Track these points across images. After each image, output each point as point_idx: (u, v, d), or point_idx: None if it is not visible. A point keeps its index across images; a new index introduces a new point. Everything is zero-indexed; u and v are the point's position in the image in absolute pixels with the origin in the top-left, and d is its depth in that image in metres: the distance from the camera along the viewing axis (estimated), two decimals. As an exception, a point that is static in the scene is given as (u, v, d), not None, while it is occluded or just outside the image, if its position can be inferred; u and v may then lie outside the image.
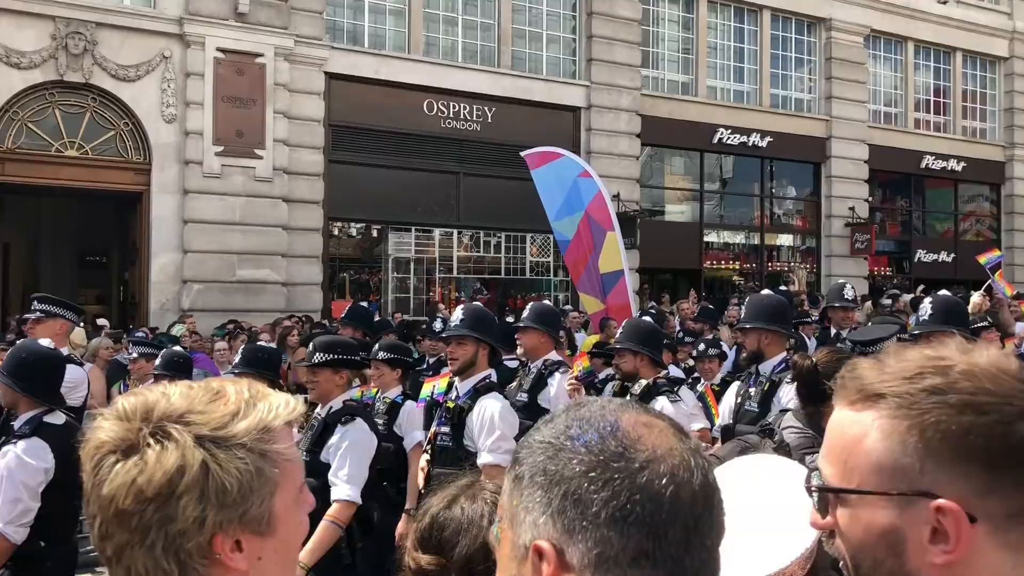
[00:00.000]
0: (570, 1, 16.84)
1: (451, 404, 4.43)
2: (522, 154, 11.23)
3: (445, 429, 4.41)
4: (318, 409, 4.40)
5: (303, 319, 11.27)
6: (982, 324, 6.81)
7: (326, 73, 14.31)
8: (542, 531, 0.86)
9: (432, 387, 4.93)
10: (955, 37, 21.26)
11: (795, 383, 3.70)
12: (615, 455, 0.86)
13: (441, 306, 13.93)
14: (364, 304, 9.23)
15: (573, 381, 5.18)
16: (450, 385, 4.70)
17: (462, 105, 15.44)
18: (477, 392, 4.43)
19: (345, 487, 4.05)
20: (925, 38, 20.91)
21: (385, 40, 15.20)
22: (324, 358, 4.37)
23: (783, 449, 3.22)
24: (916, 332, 4.65)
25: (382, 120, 14.82)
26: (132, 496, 1.00)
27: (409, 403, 5.48)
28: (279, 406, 1.09)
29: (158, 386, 1.11)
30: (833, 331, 7.35)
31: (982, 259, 14.58)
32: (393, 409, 5.39)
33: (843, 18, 19.42)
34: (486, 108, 15.63)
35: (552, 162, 10.88)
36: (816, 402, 3.37)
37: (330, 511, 3.98)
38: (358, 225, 15.88)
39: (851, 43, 19.62)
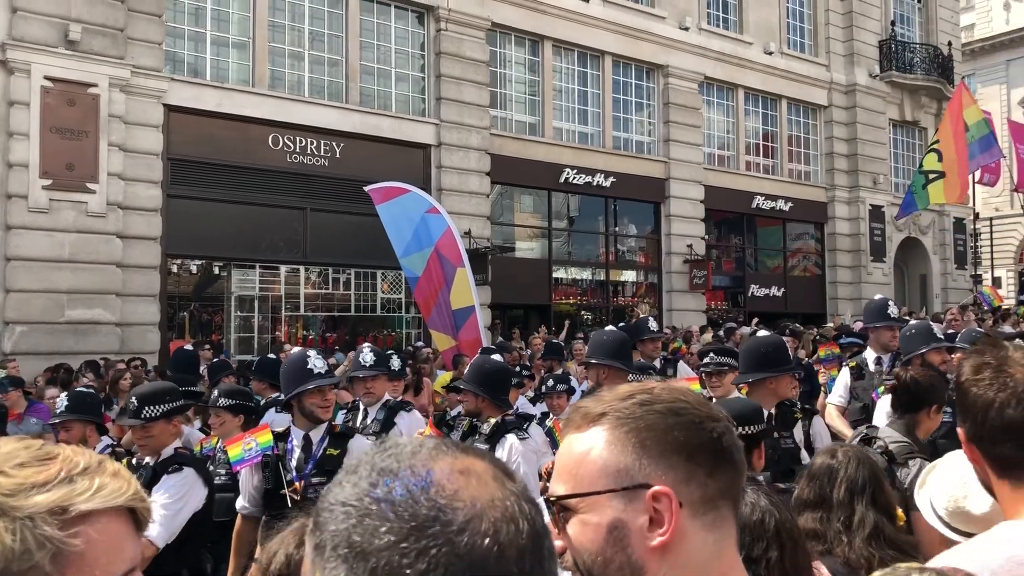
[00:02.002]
0: (418, 40, 16.97)
1: (333, 452, 4.22)
2: (366, 189, 11.17)
3: (320, 479, 4.12)
4: (148, 458, 4.16)
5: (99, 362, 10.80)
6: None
7: (165, 105, 13.78)
8: None
9: (247, 444, 4.44)
10: (780, 85, 22.81)
11: (892, 394, 4.11)
12: (429, 519, 0.76)
13: (287, 346, 13.57)
14: (187, 347, 8.85)
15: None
16: (279, 436, 4.40)
17: (309, 140, 15.22)
18: (343, 436, 4.28)
19: (152, 527, 3.89)
20: (753, 86, 22.31)
21: (228, 73, 14.82)
22: (157, 411, 4.14)
23: (887, 456, 3.60)
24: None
25: (225, 154, 14.39)
26: None
27: None
28: (102, 489, 0.97)
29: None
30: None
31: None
32: None
33: (679, 65, 20.47)
34: (334, 143, 15.46)
35: (398, 198, 10.86)
36: (913, 411, 3.94)
37: None
38: (199, 262, 15.28)
39: (687, 89, 20.69)
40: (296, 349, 4.44)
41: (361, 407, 5.50)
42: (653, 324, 7.81)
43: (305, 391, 4.15)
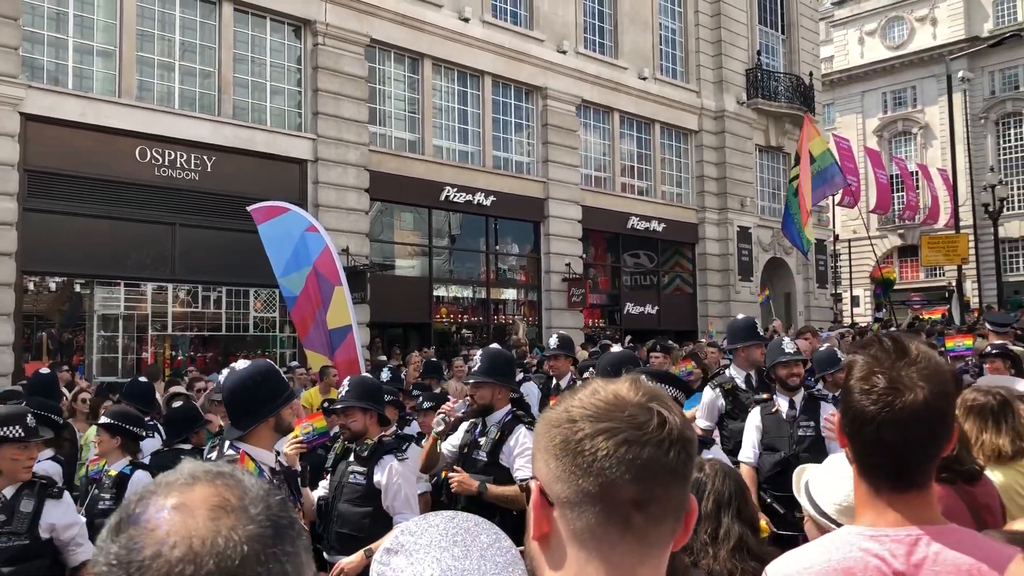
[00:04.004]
0: (295, 54, 16.67)
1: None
2: (248, 209, 10.87)
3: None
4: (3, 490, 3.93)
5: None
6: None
7: (22, 114, 13.03)
8: None
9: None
10: (654, 110, 23.54)
11: None
12: (117, 557, 0.79)
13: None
14: (44, 371, 8.43)
15: (297, 443, 4.92)
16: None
17: (179, 153, 14.68)
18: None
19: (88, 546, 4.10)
20: (628, 109, 22.95)
21: (93, 82, 14.16)
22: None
23: None
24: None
25: (88, 166, 13.71)
26: None
27: (139, 473, 5.05)
28: None
29: None
30: (554, 382, 7.72)
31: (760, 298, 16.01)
32: (121, 482, 4.97)
33: (557, 87, 20.85)
34: (205, 157, 14.97)
35: (278, 216, 10.62)
36: None
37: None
38: (59, 279, 14.49)
39: (565, 111, 21.09)
40: (247, 363, 4.07)
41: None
42: (554, 341, 8.02)
43: (284, 405, 3.83)
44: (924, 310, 35.10)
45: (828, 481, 2.57)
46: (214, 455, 5.31)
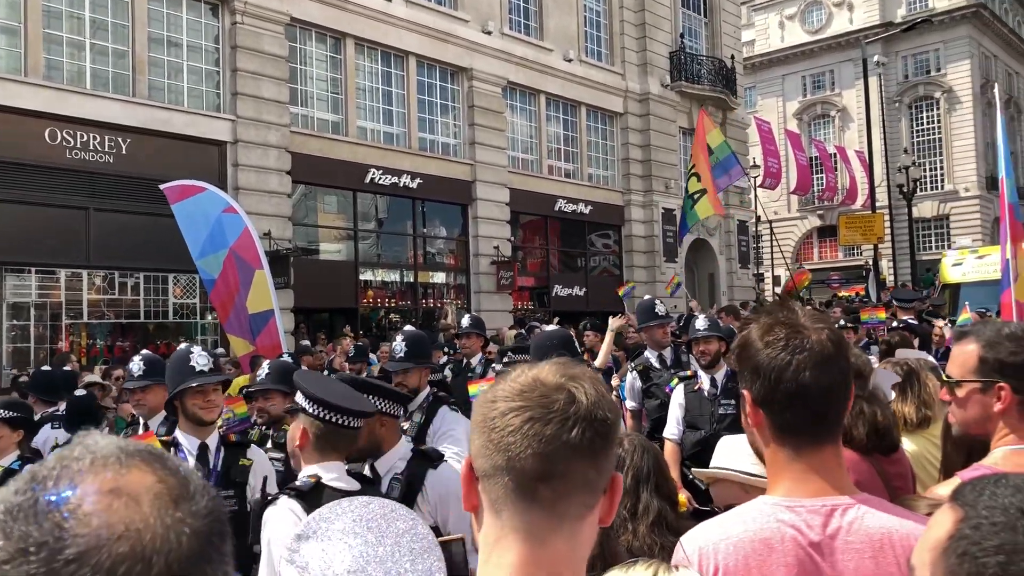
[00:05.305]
0: (212, 33, 16.19)
1: (245, 462, 4.11)
2: (162, 187, 10.53)
3: (228, 492, 3.95)
4: None
5: None
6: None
7: (-80, 92, 12.41)
8: None
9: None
10: (579, 92, 23.59)
11: None
12: (39, 543, 0.66)
13: (73, 358, 12.52)
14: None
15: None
16: (164, 445, 4.19)
17: (91, 135, 14.14)
18: (239, 446, 4.20)
19: None
20: (554, 92, 22.96)
21: (-4, 60, 13.53)
22: None
23: None
24: None
25: (-7, 149, 13.12)
26: None
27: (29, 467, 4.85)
28: None
29: None
30: (464, 361, 7.82)
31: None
32: (7, 478, 4.73)
33: (483, 69, 20.72)
34: (119, 139, 14.45)
35: (194, 196, 10.32)
36: None
37: None
38: (-36, 267, 13.86)
39: (491, 93, 20.98)
40: (182, 346, 4.22)
41: (141, 421, 5.12)
42: (466, 320, 8.15)
43: (187, 391, 3.91)
44: (842, 288, 36.14)
45: (733, 447, 2.58)
46: None
